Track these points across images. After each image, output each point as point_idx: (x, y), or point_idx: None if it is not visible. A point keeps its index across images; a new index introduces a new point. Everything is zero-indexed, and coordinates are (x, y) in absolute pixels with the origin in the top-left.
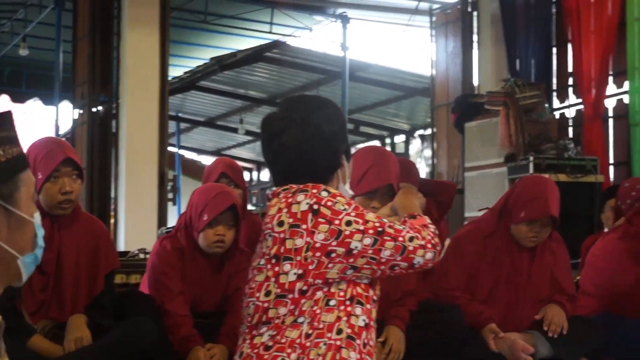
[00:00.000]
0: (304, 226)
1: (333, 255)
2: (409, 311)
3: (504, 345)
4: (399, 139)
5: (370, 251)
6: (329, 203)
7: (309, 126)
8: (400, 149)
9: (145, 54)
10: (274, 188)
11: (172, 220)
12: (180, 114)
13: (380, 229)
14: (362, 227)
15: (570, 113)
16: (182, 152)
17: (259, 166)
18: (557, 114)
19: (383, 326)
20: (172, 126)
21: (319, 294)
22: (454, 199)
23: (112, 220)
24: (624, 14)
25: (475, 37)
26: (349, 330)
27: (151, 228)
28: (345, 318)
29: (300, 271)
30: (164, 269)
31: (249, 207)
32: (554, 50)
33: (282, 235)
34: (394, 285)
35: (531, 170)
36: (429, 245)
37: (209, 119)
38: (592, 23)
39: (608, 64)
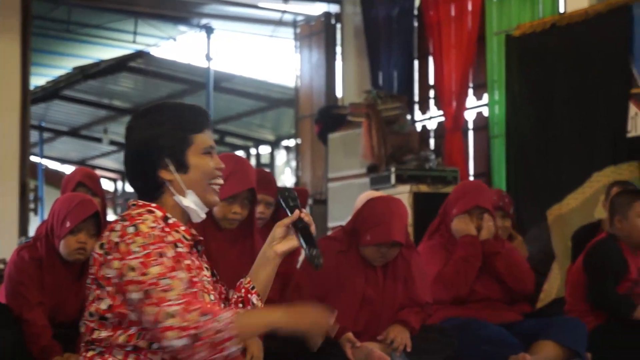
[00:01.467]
0: (110, 257)
1: (120, 296)
2: None
3: (361, 355)
4: (265, 149)
5: (135, 307)
6: (129, 241)
7: (130, 138)
8: (266, 159)
9: (6, 63)
10: (132, 199)
11: (33, 231)
12: (43, 124)
13: (149, 289)
14: (139, 278)
15: (432, 125)
16: (45, 162)
17: (124, 176)
18: (418, 126)
19: None
20: (35, 136)
21: (134, 329)
22: (306, 204)
23: None
24: (483, 28)
25: (338, 49)
26: None
27: (12, 238)
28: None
29: (110, 301)
30: (21, 279)
31: (114, 217)
32: (416, 63)
33: (100, 258)
34: None
35: (393, 181)
36: (184, 333)
37: (73, 128)
38: (453, 37)
39: (468, 77)
